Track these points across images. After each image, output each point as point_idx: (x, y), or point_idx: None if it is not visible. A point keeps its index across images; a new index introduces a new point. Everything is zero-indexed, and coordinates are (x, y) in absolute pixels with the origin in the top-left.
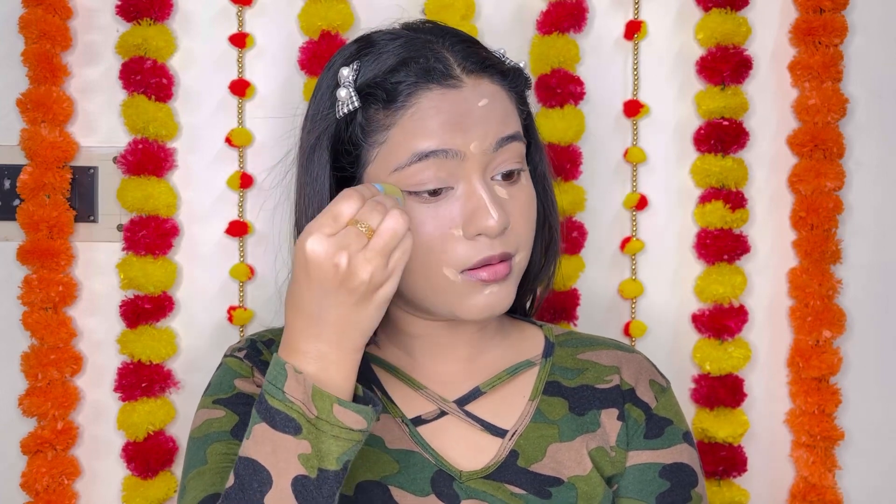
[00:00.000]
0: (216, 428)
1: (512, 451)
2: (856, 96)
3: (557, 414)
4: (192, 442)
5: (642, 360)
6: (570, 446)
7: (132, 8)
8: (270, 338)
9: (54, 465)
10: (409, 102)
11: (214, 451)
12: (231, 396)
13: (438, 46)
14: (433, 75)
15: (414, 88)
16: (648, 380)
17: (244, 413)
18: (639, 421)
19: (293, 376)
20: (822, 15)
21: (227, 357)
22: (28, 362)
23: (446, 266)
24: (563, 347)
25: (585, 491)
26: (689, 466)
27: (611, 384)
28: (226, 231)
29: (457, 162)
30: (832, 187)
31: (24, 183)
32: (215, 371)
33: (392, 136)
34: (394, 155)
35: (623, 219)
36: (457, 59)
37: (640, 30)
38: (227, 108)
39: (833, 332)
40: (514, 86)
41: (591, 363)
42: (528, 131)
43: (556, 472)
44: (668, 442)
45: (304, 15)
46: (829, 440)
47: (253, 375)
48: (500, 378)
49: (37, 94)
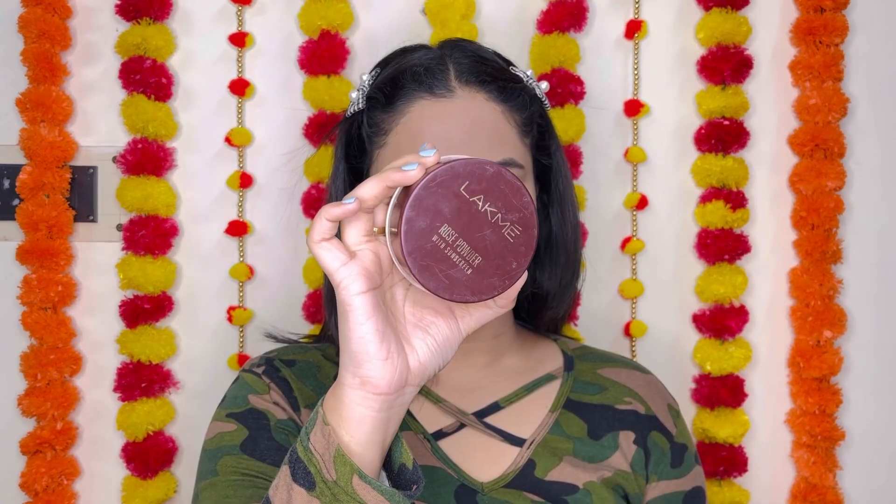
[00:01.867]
0: (227, 441)
1: (529, 459)
2: (856, 96)
3: (575, 432)
4: (204, 453)
5: (657, 383)
6: (583, 463)
7: (132, 7)
8: (293, 358)
9: (54, 466)
10: (404, 109)
11: (225, 465)
12: (244, 411)
13: (447, 58)
14: (426, 84)
15: (409, 96)
16: (666, 405)
17: (254, 428)
18: (665, 450)
19: (320, 426)
20: (823, 14)
21: (245, 372)
22: (27, 362)
23: None
24: (582, 361)
25: (599, 497)
26: (701, 489)
27: (629, 406)
28: (225, 231)
29: None
30: (833, 187)
31: (23, 183)
32: (231, 385)
33: (389, 142)
34: (389, 161)
35: (623, 219)
36: (457, 70)
37: (640, 29)
38: (227, 108)
39: (834, 332)
40: (519, 107)
41: (610, 381)
42: (546, 152)
43: (573, 479)
44: (687, 469)
45: (304, 14)
46: (830, 440)
47: (269, 392)
48: (519, 395)
49: (36, 93)
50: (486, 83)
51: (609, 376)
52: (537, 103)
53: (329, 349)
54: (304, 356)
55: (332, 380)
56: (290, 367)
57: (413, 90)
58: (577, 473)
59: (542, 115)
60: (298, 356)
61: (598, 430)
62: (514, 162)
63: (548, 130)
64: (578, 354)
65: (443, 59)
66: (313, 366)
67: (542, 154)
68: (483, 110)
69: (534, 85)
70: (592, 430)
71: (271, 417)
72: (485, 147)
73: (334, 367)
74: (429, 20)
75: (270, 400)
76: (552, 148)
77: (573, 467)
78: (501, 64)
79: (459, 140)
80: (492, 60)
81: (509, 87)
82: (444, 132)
